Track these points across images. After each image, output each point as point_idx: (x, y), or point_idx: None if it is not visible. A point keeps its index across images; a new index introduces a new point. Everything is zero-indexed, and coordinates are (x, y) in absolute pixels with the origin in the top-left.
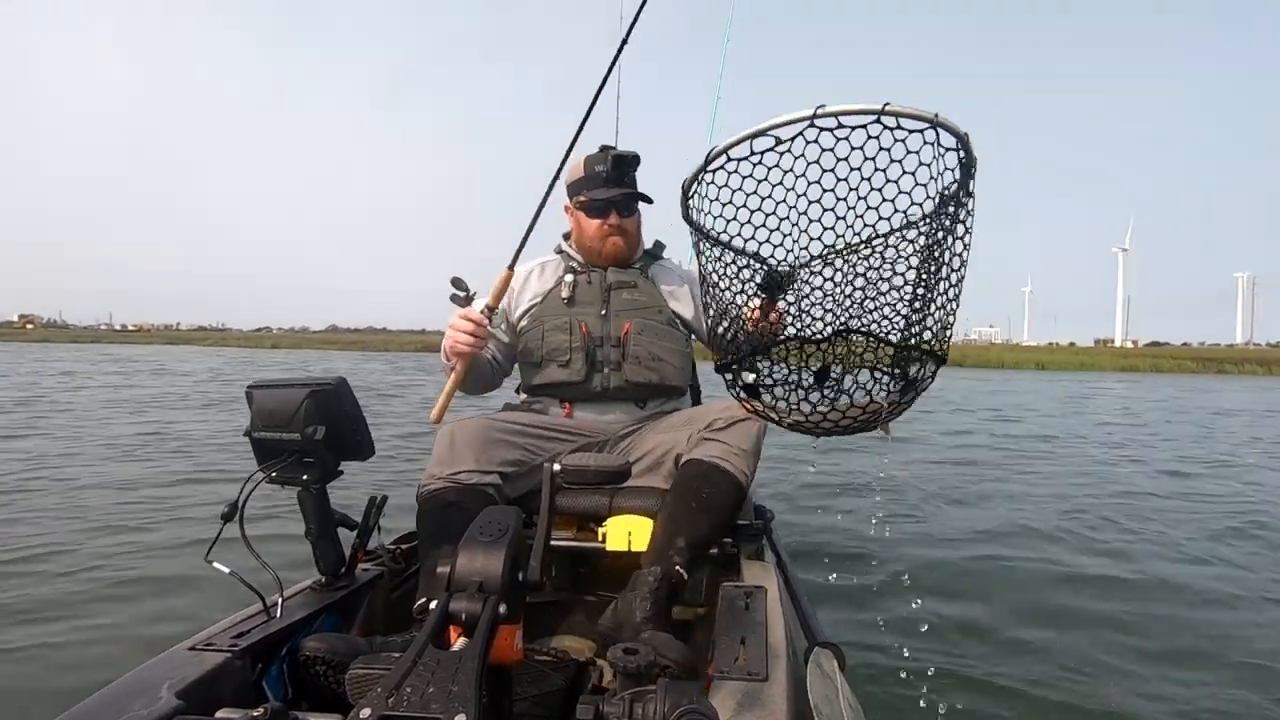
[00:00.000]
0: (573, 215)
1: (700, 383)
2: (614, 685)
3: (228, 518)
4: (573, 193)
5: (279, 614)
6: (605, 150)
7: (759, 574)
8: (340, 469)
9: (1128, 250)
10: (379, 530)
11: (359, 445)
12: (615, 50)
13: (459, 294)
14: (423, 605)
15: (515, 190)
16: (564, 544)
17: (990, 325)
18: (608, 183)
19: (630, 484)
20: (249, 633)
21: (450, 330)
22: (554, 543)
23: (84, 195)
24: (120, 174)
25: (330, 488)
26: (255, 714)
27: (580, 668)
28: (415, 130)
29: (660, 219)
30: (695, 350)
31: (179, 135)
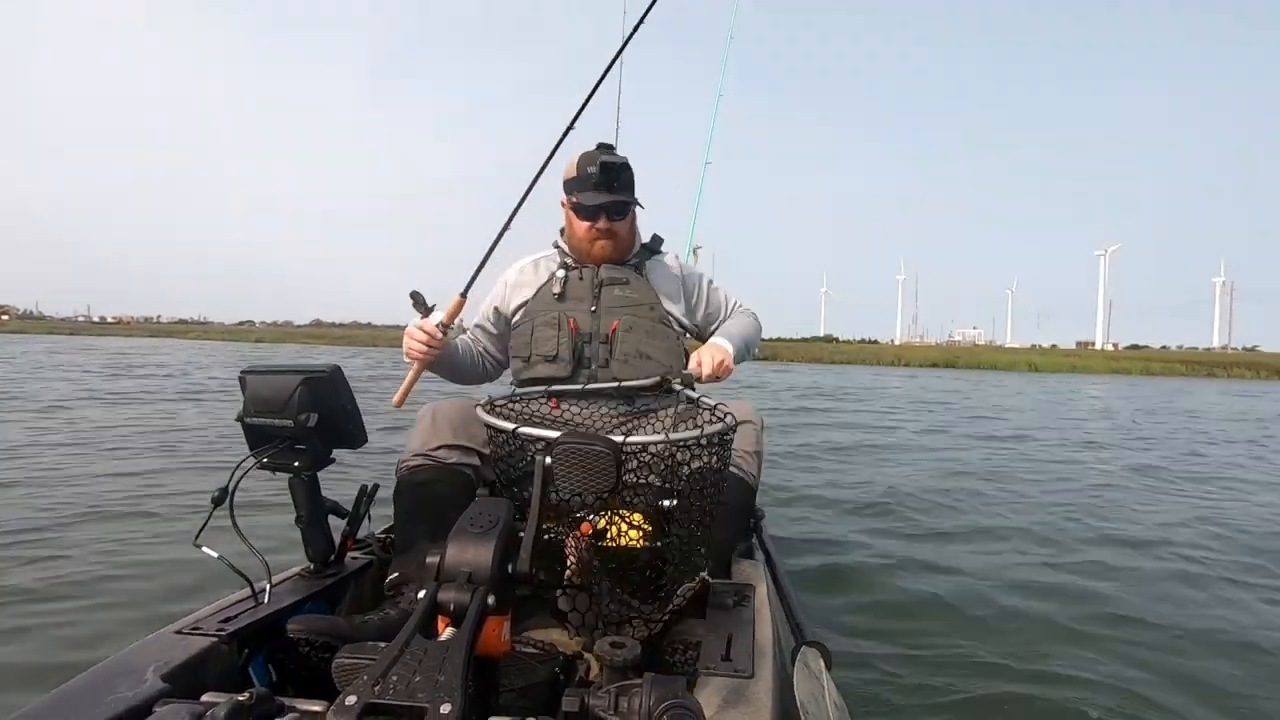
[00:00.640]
0: (566, 212)
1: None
2: (600, 678)
3: (218, 502)
4: (566, 190)
5: (267, 600)
6: (600, 150)
7: (748, 572)
8: (332, 457)
9: (1109, 254)
10: (369, 519)
11: (351, 433)
12: (613, 52)
13: (417, 305)
14: (394, 581)
15: (503, 188)
16: (554, 537)
17: (974, 327)
18: (597, 187)
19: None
20: (236, 618)
21: (406, 337)
22: (544, 536)
23: (61, 184)
24: (101, 162)
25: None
26: (241, 698)
27: (567, 660)
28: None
29: (661, 218)
30: (692, 347)
31: (163, 123)
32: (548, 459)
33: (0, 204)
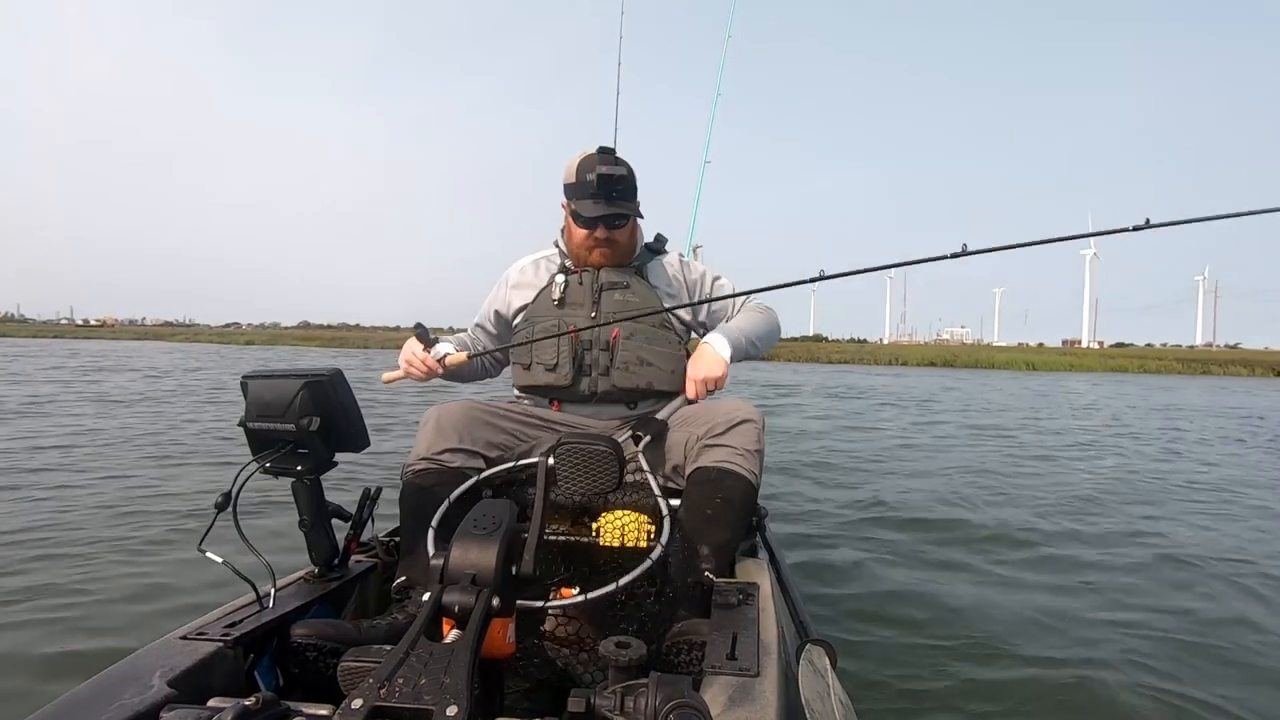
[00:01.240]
0: (566, 215)
1: None
2: (606, 679)
3: (221, 507)
4: (566, 194)
5: (271, 604)
6: (600, 155)
7: (752, 571)
8: (335, 460)
9: (1095, 253)
10: (372, 522)
11: (353, 436)
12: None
13: (419, 335)
14: (401, 584)
15: (494, 186)
16: (557, 538)
17: (961, 326)
18: (595, 197)
19: (625, 480)
20: (241, 622)
21: (404, 360)
22: (547, 537)
23: (41, 183)
24: (84, 159)
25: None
26: (247, 703)
27: (572, 661)
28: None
29: (663, 216)
30: (693, 347)
31: (145, 121)
32: (550, 460)
33: None
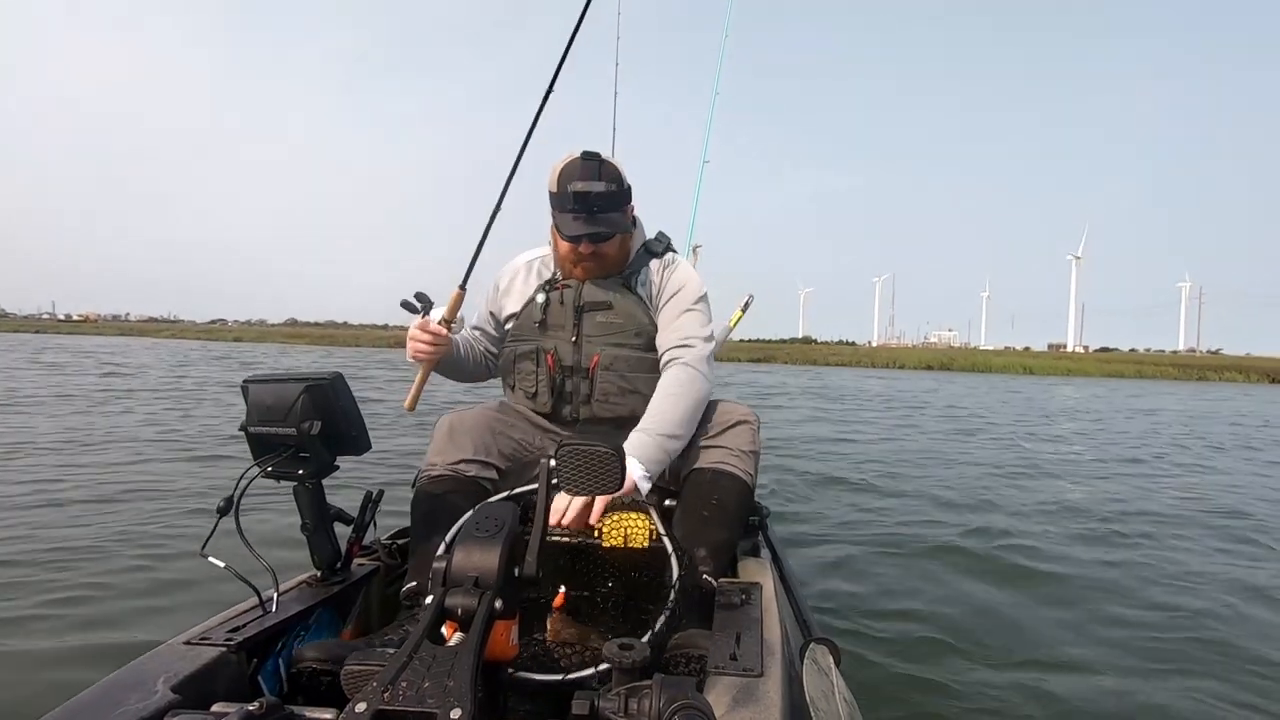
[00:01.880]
0: (552, 223)
1: None
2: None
3: (223, 512)
4: (550, 201)
5: (274, 609)
6: (584, 160)
7: (755, 571)
8: (336, 464)
9: (1081, 258)
10: (374, 525)
11: (355, 440)
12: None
13: (414, 305)
14: (411, 590)
15: (485, 184)
16: (560, 540)
17: (949, 329)
18: (575, 213)
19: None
20: (244, 627)
21: (409, 340)
22: (550, 538)
23: (24, 177)
24: (66, 156)
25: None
26: (251, 708)
27: (576, 663)
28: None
29: (661, 215)
30: None
31: (131, 117)
32: (552, 461)
33: None
